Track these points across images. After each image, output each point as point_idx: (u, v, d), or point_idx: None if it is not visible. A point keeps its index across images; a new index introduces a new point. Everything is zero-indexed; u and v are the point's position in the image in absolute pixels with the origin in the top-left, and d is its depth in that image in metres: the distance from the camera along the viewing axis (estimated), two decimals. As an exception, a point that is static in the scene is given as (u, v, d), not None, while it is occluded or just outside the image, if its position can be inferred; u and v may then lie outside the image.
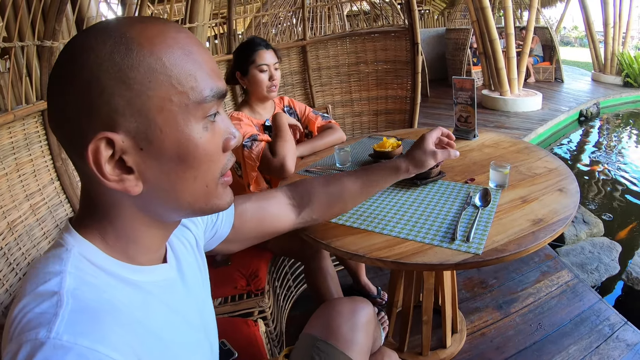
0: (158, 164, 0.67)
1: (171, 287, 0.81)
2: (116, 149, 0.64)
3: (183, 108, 0.66)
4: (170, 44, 0.66)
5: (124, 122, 0.63)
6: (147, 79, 0.63)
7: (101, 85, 0.61)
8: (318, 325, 1.24)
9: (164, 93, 0.65)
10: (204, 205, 0.75)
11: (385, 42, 3.93)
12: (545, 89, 8.76)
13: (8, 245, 2.04)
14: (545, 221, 1.36)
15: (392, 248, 1.31)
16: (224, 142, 0.74)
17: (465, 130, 2.24)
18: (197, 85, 0.67)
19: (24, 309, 0.59)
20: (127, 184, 0.66)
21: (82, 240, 0.69)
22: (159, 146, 0.66)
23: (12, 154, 2.17)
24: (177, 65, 0.66)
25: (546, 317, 2.30)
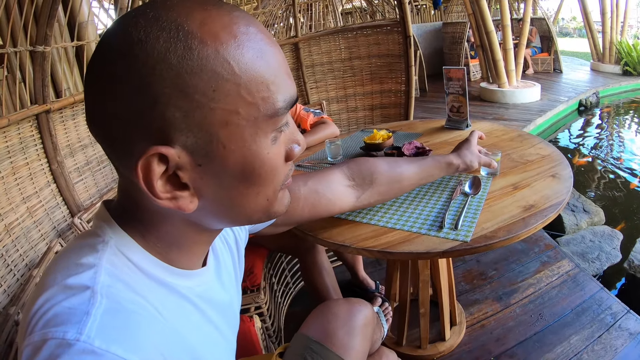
0: (218, 181, 0.59)
1: (207, 291, 0.75)
2: (170, 165, 0.55)
3: (252, 122, 0.57)
4: (239, 43, 0.55)
5: (180, 136, 0.54)
6: (211, 87, 0.53)
7: (154, 93, 0.52)
8: (313, 327, 1.21)
9: (231, 105, 0.55)
10: (263, 215, 0.68)
11: (377, 36, 3.91)
12: (543, 79, 8.72)
13: (5, 247, 2.05)
14: (536, 207, 1.34)
15: (379, 238, 1.30)
16: (288, 150, 0.66)
17: (458, 120, 2.23)
18: (269, 96, 0.58)
19: (50, 300, 0.53)
20: (180, 202, 0.59)
21: (120, 232, 0.62)
22: (221, 163, 0.58)
23: (8, 158, 2.19)
24: (247, 70, 0.55)
25: (547, 307, 2.28)
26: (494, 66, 7.30)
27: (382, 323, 1.62)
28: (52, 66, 2.72)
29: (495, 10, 9.47)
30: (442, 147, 1.98)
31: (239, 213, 0.65)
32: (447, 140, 2.08)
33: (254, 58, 0.56)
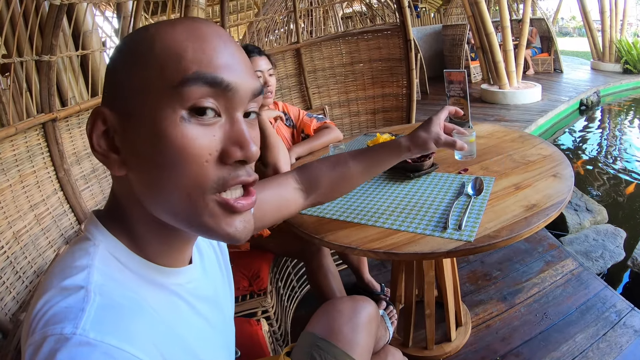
0: (133, 149, 0.62)
1: (196, 288, 0.78)
2: (108, 125, 0.63)
3: (158, 91, 0.60)
4: (173, 24, 0.63)
5: (115, 99, 0.63)
6: (143, 58, 0.61)
7: (116, 65, 0.64)
8: (319, 325, 1.23)
9: (149, 73, 0.60)
10: (193, 220, 0.64)
11: (378, 40, 3.94)
12: (544, 80, 8.72)
13: (14, 254, 2.08)
14: (538, 206, 1.36)
15: (384, 239, 1.32)
16: (223, 149, 0.63)
17: (459, 122, 2.23)
18: (180, 66, 0.60)
19: (49, 302, 0.57)
20: (110, 160, 0.64)
21: (109, 236, 0.67)
22: (136, 130, 0.62)
23: (16, 166, 2.22)
24: (170, 45, 0.61)
25: (551, 306, 2.29)
26: (494, 68, 7.31)
27: (387, 326, 1.63)
28: (57, 75, 2.75)
29: (495, 12, 9.49)
30: (444, 149, 1.99)
31: (160, 200, 0.64)
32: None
33: (182, 37, 0.61)
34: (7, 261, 2.03)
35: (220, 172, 0.63)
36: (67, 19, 2.91)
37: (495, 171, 1.68)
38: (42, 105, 2.46)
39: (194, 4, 3.92)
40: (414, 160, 1.74)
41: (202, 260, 0.86)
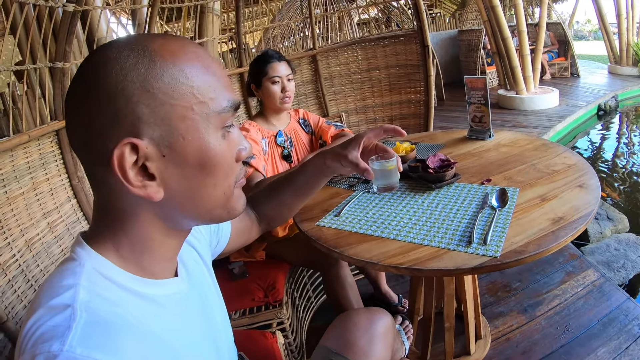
0: (180, 170, 0.69)
1: (183, 300, 0.82)
2: (140, 154, 0.65)
3: (204, 117, 0.69)
4: (191, 57, 0.69)
5: (148, 129, 0.65)
6: (171, 88, 0.66)
7: (126, 94, 0.64)
8: (334, 337, 1.22)
9: (187, 102, 0.67)
10: (222, 211, 0.77)
11: (395, 46, 3.91)
12: (561, 85, 8.63)
13: (26, 263, 2.06)
14: (565, 219, 1.31)
15: (407, 254, 1.28)
16: (237, 152, 0.76)
17: (481, 130, 2.20)
18: (216, 97, 0.70)
19: (37, 322, 0.60)
20: (149, 189, 0.67)
21: (94, 254, 0.70)
22: (181, 153, 0.68)
23: (29, 174, 2.20)
24: (198, 76, 0.68)
25: (573, 318, 2.23)
26: (511, 73, 7.24)
27: (403, 340, 1.60)
28: (71, 82, 2.74)
29: (510, 16, 9.42)
30: (465, 158, 1.95)
31: (201, 205, 0.74)
32: (471, 151, 2.05)
33: (202, 68, 0.70)
34: (19, 269, 2.01)
35: (237, 168, 0.77)
36: (82, 25, 2.90)
37: (520, 181, 1.63)
38: (56, 112, 2.45)
39: (209, 10, 3.92)
40: (436, 170, 1.69)
41: (188, 273, 0.89)
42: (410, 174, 1.81)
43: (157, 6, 3.08)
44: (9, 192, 2.06)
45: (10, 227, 2.03)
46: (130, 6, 3.79)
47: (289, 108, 2.28)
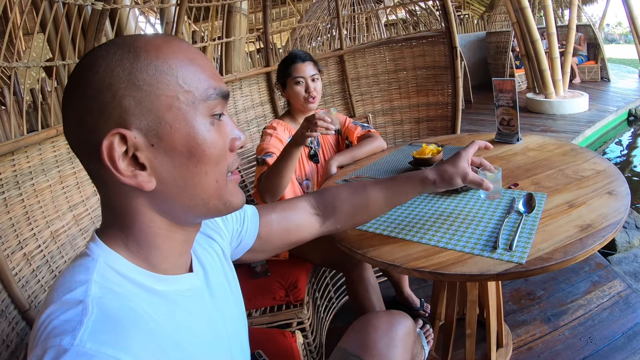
0: (169, 159, 0.71)
1: (197, 296, 0.83)
2: (129, 144, 0.68)
3: (190, 105, 0.71)
4: (174, 50, 0.72)
5: (135, 120, 0.68)
6: (156, 79, 0.69)
7: (113, 88, 0.67)
8: (353, 340, 1.20)
9: (171, 92, 0.70)
10: (218, 202, 0.78)
11: (423, 47, 3.88)
12: (591, 89, 8.48)
13: (51, 254, 2.10)
14: (593, 227, 1.28)
15: (430, 258, 1.26)
16: (231, 141, 0.78)
17: (508, 133, 2.17)
18: (201, 85, 0.73)
19: (50, 316, 0.61)
20: (140, 179, 0.70)
21: (107, 250, 0.72)
22: (170, 141, 0.70)
23: (56, 167, 2.24)
24: (182, 67, 0.71)
25: (597, 330, 2.18)
26: (540, 76, 7.13)
27: (423, 345, 1.59)
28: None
29: (539, 18, 9.28)
30: (492, 162, 1.91)
31: (195, 195, 0.75)
32: (498, 154, 2.02)
33: (185, 59, 0.72)
34: (44, 260, 2.06)
35: (230, 158, 0.78)
36: (110, 23, 2.94)
37: (547, 187, 1.60)
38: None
39: (237, 10, 3.95)
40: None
41: (204, 269, 0.91)
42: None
43: (185, 5, 3.10)
44: (36, 185, 2.10)
45: (36, 218, 2.07)
46: (158, 5, 3.83)
47: (314, 108, 2.29)
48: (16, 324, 1.84)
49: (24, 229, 2.00)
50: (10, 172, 1.97)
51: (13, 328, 1.82)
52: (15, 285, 1.84)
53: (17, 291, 1.85)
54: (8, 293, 1.84)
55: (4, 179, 1.94)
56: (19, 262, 1.94)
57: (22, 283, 1.92)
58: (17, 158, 2.02)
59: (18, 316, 1.86)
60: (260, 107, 3.80)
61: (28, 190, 2.06)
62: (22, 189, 2.02)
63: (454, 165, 1.29)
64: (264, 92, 3.83)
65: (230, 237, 1.09)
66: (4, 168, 1.94)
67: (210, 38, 3.90)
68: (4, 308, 1.81)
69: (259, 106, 3.79)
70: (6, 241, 1.89)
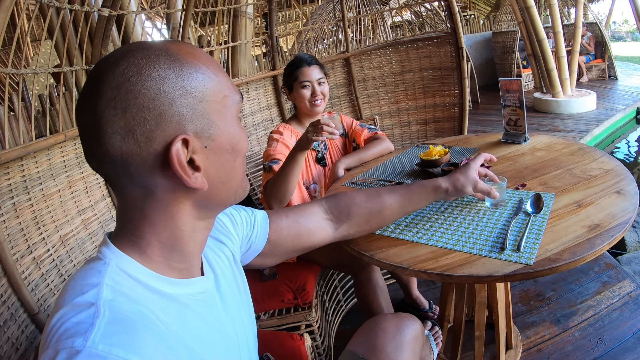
0: (218, 158, 0.76)
1: (207, 299, 0.85)
2: (189, 148, 0.72)
3: (229, 108, 0.78)
4: (206, 59, 0.77)
5: (191, 125, 0.72)
6: (204, 85, 0.74)
7: (169, 96, 0.69)
8: (361, 343, 1.20)
9: (217, 97, 0.75)
10: (240, 189, 0.85)
11: (429, 49, 3.88)
12: (598, 87, 8.44)
13: (60, 258, 2.12)
14: (602, 227, 1.27)
15: (438, 259, 1.26)
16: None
17: (516, 133, 2.16)
18: (231, 90, 0.79)
19: (62, 318, 0.62)
20: (200, 180, 0.74)
21: (119, 254, 0.73)
22: (220, 141, 0.76)
23: (65, 172, 2.27)
24: (217, 74, 0.77)
25: (607, 331, 2.16)
26: (547, 75, 7.09)
27: (432, 347, 1.58)
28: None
29: (545, 17, 9.23)
30: (500, 162, 1.92)
31: (230, 187, 0.81)
32: (506, 155, 2.01)
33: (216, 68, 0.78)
34: (53, 264, 2.08)
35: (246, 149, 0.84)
36: (117, 29, 2.96)
37: (555, 187, 1.59)
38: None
39: (242, 14, 3.96)
40: None
41: (215, 272, 0.92)
42: (443, 178, 1.79)
43: (191, 10, 3.12)
44: (45, 190, 2.13)
45: (45, 223, 2.10)
46: (164, 10, 3.85)
47: (320, 111, 2.29)
48: (26, 327, 1.86)
49: (33, 234, 2.02)
50: (19, 177, 1.99)
51: (22, 331, 1.84)
52: (24, 289, 1.86)
53: (27, 295, 1.86)
54: (18, 297, 1.86)
55: (13, 184, 1.96)
56: (28, 266, 1.96)
57: (32, 287, 1.93)
58: (26, 163, 2.04)
59: (27, 319, 1.88)
60: (267, 110, 3.82)
61: (37, 195, 2.08)
62: (31, 194, 2.04)
63: (465, 175, 1.40)
64: (270, 96, 3.85)
65: (241, 242, 1.10)
66: (13, 173, 1.96)
67: (217, 42, 3.92)
68: (13, 311, 1.83)
69: (266, 109, 3.81)
70: (15, 245, 1.91)
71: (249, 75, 3.70)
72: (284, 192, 1.94)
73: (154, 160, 0.70)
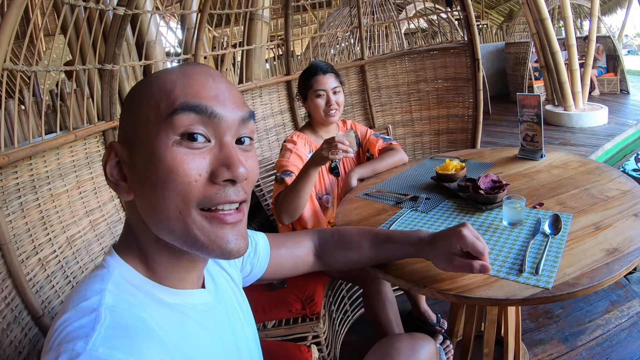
0: (138, 176, 0.72)
1: (208, 311, 0.84)
2: (118, 155, 0.74)
3: (156, 122, 0.70)
4: (172, 72, 0.74)
5: (124, 134, 0.75)
6: (140, 97, 0.73)
7: (125, 106, 0.78)
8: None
9: (145, 110, 0.72)
10: (187, 236, 0.72)
11: (444, 59, 3.86)
12: (610, 101, 8.38)
13: (66, 259, 2.10)
14: (620, 251, 1.25)
15: (455, 280, 1.23)
16: (212, 170, 0.71)
17: (532, 149, 2.13)
18: (169, 98, 0.70)
19: (65, 322, 0.63)
20: (120, 188, 0.75)
21: (122, 263, 0.75)
22: (137, 156, 0.72)
23: (74, 172, 2.25)
24: (161, 82, 0.72)
25: (615, 351, 2.13)
26: (559, 88, 7.05)
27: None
28: (120, 84, 2.79)
29: (558, 29, 9.18)
30: (516, 179, 1.89)
31: (160, 221, 0.72)
32: (521, 172, 1.99)
33: (170, 76, 0.73)
34: (59, 265, 2.07)
35: (208, 190, 0.71)
36: (131, 28, 2.95)
37: (573, 207, 1.57)
38: (103, 112, 2.50)
39: (258, 17, 3.96)
40: (487, 191, 1.64)
41: (217, 287, 0.93)
42: (460, 194, 1.77)
43: (207, 12, 3.11)
44: (52, 190, 2.11)
45: (52, 223, 2.08)
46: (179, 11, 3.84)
47: (335, 121, 2.27)
48: (29, 330, 1.84)
49: (39, 234, 2.00)
50: (27, 177, 1.98)
51: (26, 334, 1.82)
52: (29, 291, 1.84)
53: (31, 297, 1.84)
54: (22, 299, 1.84)
55: (21, 184, 1.94)
56: (33, 267, 1.94)
57: (36, 289, 1.92)
58: (34, 162, 2.02)
59: (31, 322, 1.86)
60: (280, 115, 3.80)
61: (45, 195, 2.06)
62: (38, 194, 2.03)
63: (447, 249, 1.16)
64: (283, 101, 3.84)
65: (242, 266, 1.12)
66: (22, 172, 1.95)
67: (231, 45, 3.91)
68: (17, 314, 1.81)
69: (279, 115, 3.79)
70: (21, 246, 1.90)
71: (263, 79, 3.68)
72: (296, 206, 1.93)
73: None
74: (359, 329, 2.47)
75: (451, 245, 1.15)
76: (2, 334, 1.68)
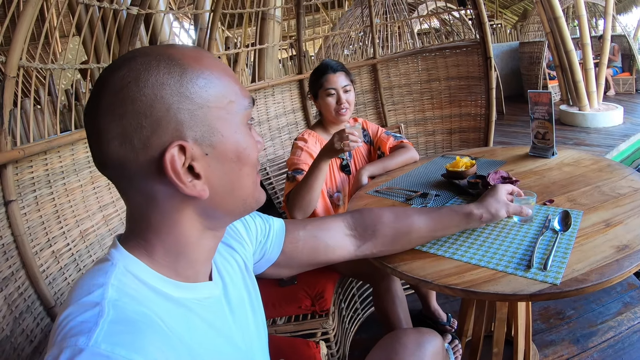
0: (221, 166, 0.74)
1: (214, 305, 0.84)
2: (187, 155, 0.70)
3: (234, 114, 0.76)
4: (211, 63, 0.75)
5: (190, 132, 0.70)
6: (205, 91, 0.72)
7: (166, 102, 0.68)
8: (381, 358, 1.18)
9: (220, 103, 0.73)
10: (252, 199, 0.83)
11: (456, 57, 3.85)
12: (626, 101, 8.27)
13: (79, 252, 2.13)
14: (630, 248, 1.23)
15: (463, 275, 1.23)
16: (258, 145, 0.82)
17: (543, 147, 2.12)
18: (238, 96, 0.77)
19: (67, 317, 0.63)
20: (198, 188, 0.72)
21: (127, 255, 0.74)
22: (222, 149, 0.74)
23: (88, 167, 2.28)
24: (222, 79, 0.75)
25: (627, 353, 2.11)
26: (574, 87, 6.98)
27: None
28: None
29: (572, 28, 9.09)
30: (527, 176, 1.88)
31: (238, 197, 0.79)
32: (533, 169, 1.98)
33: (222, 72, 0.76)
34: (72, 258, 2.10)
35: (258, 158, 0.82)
36: (145, 28, 2.98)
37: (583, 204, 1.56)
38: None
39: (270, 17, 3.97)
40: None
41: (223, 279, 0.92)
42: (470, 191, 1.76)
43: (219, 12, 3.13)
44: (67, 184, 2.14)
45: (66, 217, 2.11)
46: (192, 11, 3.87)
47: (346, 119, 2.27)
48: (41, 319, 1.88)
49: (53, 227, 2.03)
50: (42, 171, 2.01)
51: (38, 324, 1.85)
52: (42, 282, 1.87)
53: (44, 288, 1.88)
54: (35, 289, 1.87)
55: (36, 178, 1.98)
56: (47, 259, 1.97)
57: (49, 280, 1.95)
58: (49, 157, 2.05)
59: (43, 312, 1.89)
60: (292, 114, 3.82)
61: (59, 189, 2.09)
62: (53, 188, 2.06)
63: (496, 199, 1.38)
64: (295, 100, 3.85)
65: (254, 249, 1.09)
66: (37, 167, 1.98)
67: (244, 45, 3.93)
68: (30, 304, 1.84)
69: (291, 113, 3.81)
70: (35, 238, 1.93)
71: (275, 78, 3.70)
72: (309, 201, 1.93)
73: (150, 166, 0.69)
74: (369, 328, 2.46)
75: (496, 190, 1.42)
76: (14, 322, 1.72)
